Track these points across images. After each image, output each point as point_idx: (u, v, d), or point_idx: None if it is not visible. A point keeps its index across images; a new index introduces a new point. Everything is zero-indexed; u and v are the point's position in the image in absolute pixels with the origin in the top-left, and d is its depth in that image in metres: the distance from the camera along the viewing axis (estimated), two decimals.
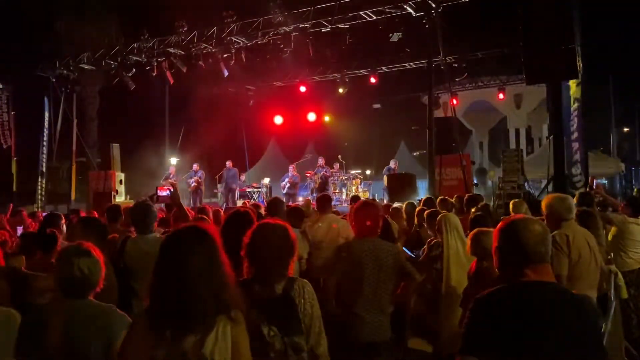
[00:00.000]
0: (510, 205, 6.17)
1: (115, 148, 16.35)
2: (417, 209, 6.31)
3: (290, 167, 16.01)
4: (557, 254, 3.73)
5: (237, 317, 2.01)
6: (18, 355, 2.39)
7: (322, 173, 15.40)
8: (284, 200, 14.37)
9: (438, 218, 4.48)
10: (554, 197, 4.26)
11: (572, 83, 11.33)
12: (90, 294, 2.49)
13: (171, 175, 15.50)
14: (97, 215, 6.50)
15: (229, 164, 16.06)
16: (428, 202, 7.07)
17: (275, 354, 2.34)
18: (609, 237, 5.66)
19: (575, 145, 11.45)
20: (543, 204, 4.18)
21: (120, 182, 15.70)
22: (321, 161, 15.70)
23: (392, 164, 15.01)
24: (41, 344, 2.35)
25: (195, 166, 15.76)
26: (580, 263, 3.88)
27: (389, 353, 3.65)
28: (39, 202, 16.02)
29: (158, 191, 12.58)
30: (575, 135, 11.43)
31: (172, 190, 4.27)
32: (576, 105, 11.41)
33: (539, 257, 2.04)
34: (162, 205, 7.59)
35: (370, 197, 14.51)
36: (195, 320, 1.91)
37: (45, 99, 16.60)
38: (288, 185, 15.58)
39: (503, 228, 2.12)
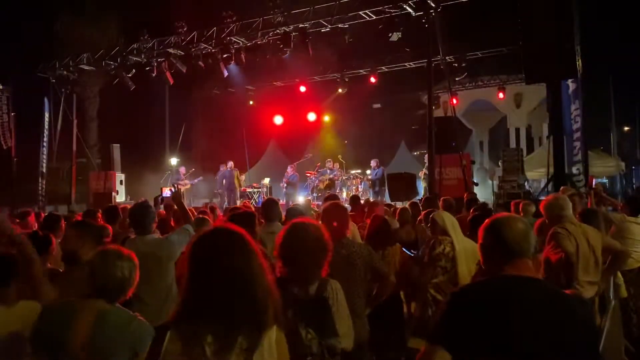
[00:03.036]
0: (520, 207, 6.16)
1: (116, 148, 16.37)
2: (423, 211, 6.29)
3: (289, 167, 16.05)
4: (561, 238, 3.87)
5: (279, 327, 1.87)
6: (35, 349, 2.30)
7: (332, 176, 15.45)
8: (284, 200, 14.46)
9: (431, 216, 4.49)
10: (549, 198, 4.35)
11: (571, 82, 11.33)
12: (120, 300, 2.44)
13: (182, 176, 15.51)
14: (99, 216, 6.47)
15: (230, 164, 16.07)
16: (429, 202, 7.07)
17: (312, 357, 2.31)
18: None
19: (577, 144, 11.43)
20: (541, 207, 4.25)
21: (121, 182, 15.74)
22: (329, 164, 15.73)
23: (372, 163, 15.10)
24: (63, 342, 2.25)
25: (223, 167, 15.89)
26: (579, 258, 3.91)
27: (365, 354, 3.57)
28: (40, 202, 16.01)
29: (162, 192, 12.56)
30: (577, 134, 11.40)
31: (173, 190, 4.26)
32: (577, 104, 11.39)
33: (519, 253, 2.07)
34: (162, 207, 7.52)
35: (371, 197, 14.53)
36: (245, 326, 1.75)
37: (45, 100, 16.60)
38: (285, 185, 15.61)
39: (487, 226, 2.17)
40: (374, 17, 12.32)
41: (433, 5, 11.28)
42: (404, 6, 11.61)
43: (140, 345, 2.32)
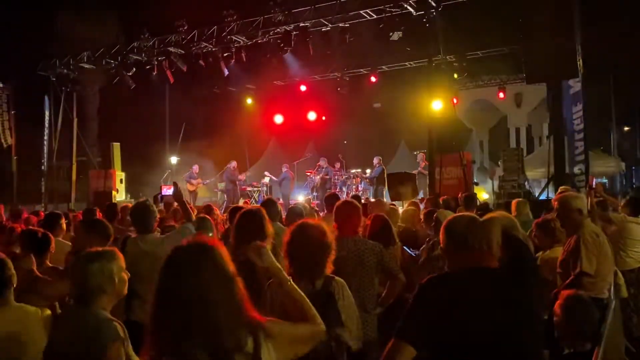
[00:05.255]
0: (513, 206, 6.16)
1: (116, 147, 16.37)
2: (424, 210, 6.28)
3: (283, 167, 16.13)
4: (587, 252, 3.75)
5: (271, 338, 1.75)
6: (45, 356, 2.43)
7: (322, 174, 15.44)
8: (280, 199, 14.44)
9: (435, 215, 4.49)
10: (567, 195, 4.26)
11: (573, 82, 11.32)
12: (96, 302, 2.41)
13: (195, 175, 15.46)
14: (99, 215, 6.48)
15: (234, 164, 16.07)
16: (432, 202, 7.08)
17: (320, 346, 2.38)
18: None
19: (580, 144, 11.43)
20: (555, 202, 4.15)
21: (121, 181, 15.75)
22: (323, 162, 15.72)
23: (375, 160, 15.07)
24: (53, 350, 2.38)
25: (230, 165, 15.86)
26: (607, 262, 3.91)
27: (374, 352, 3.60)
28: (43, 201, 16.01)
29: (162, 190, 12.54)
30: (580, 135, 11.40)
31: (175, 187, 4.25)
32: (580, 105, 11.39)
33: (470, 245, 2.16)
34: (162, 205, 7.55)
35: (371, 196, 14.52)
36: (207, 350, 1.59)
37: (46, 98, 16.60)
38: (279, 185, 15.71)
39: (443, 226, 2.33)
40: (375, 17, 12.31)
41: (434, 4, 11.27)
42: (405, 5, 11.60)
43: (101, 348, 2.29)
